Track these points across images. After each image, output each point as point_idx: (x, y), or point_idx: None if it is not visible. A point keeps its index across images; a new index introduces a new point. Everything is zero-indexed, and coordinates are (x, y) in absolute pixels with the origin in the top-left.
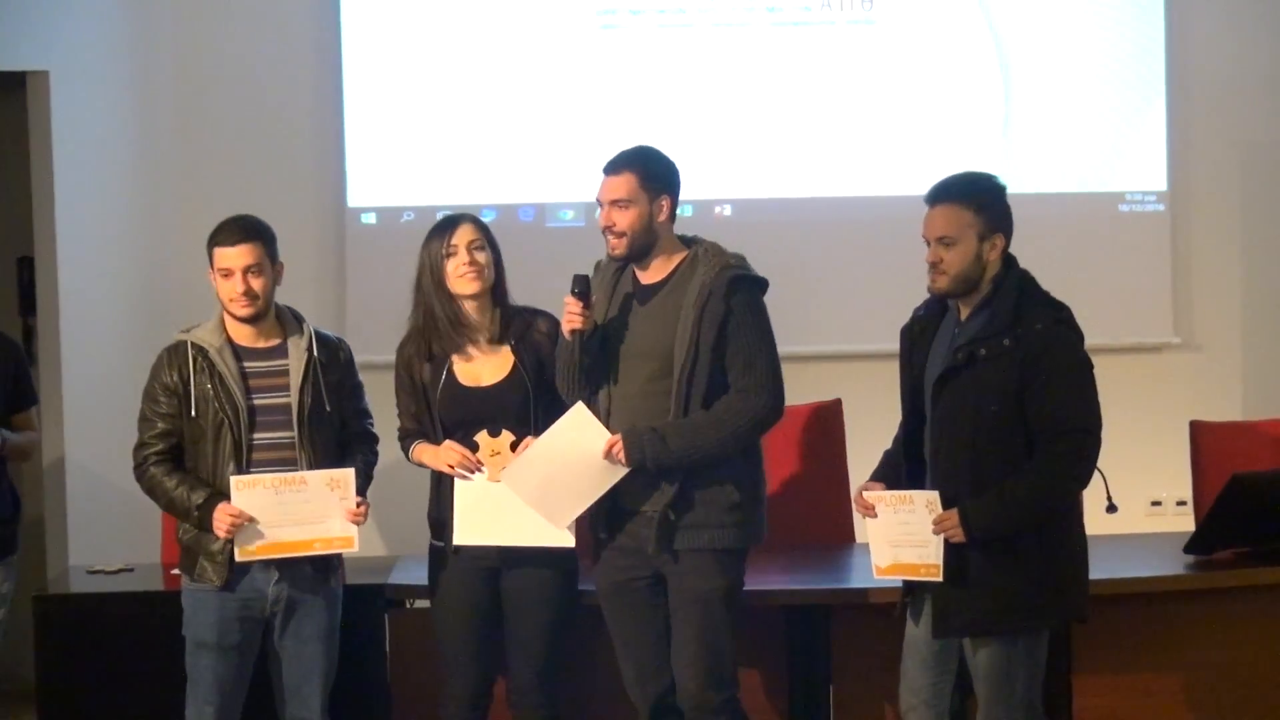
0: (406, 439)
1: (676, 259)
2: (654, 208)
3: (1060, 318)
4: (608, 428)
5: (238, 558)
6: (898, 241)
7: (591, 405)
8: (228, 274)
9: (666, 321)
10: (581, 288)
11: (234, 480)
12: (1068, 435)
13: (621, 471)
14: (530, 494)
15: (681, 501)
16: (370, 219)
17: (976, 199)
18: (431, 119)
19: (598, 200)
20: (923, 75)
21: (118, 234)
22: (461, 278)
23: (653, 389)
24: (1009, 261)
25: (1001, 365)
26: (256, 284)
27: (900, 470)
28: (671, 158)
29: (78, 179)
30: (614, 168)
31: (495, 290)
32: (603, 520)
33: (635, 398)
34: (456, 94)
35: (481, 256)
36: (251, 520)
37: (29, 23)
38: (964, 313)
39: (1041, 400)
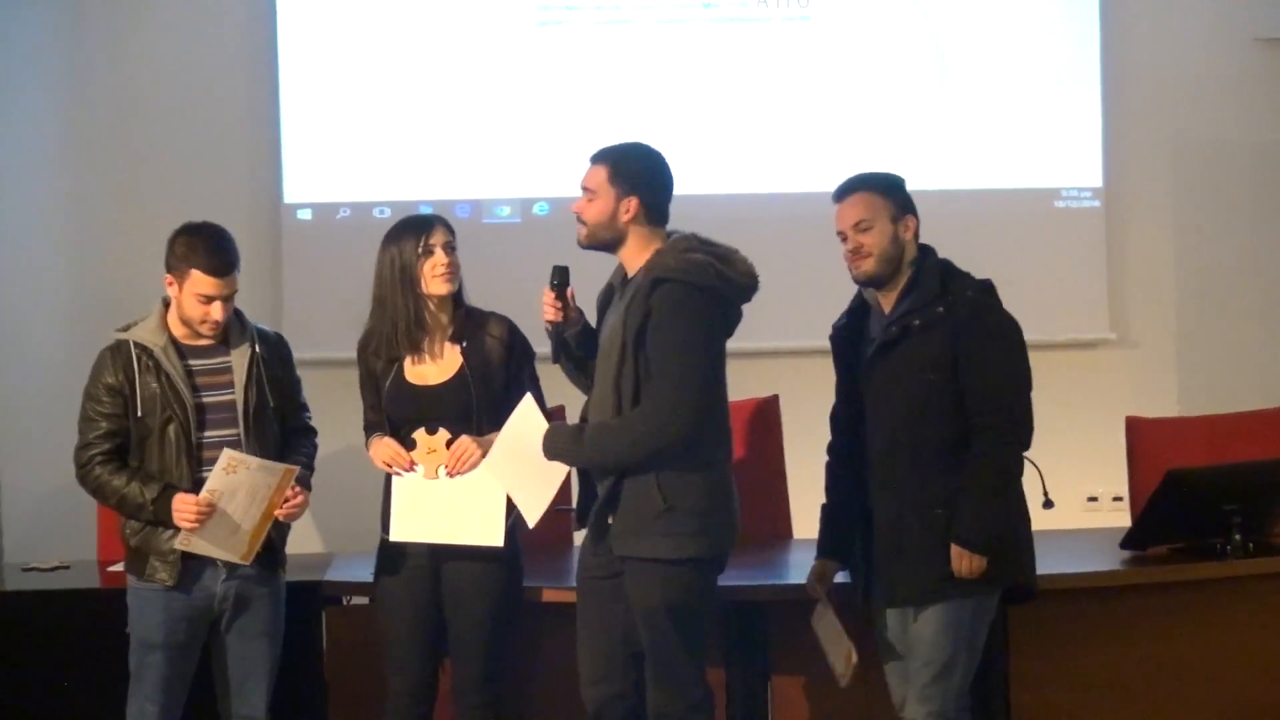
0: (367, 430)
1: (647, 255)
2: (619, 205)
3: (985, 288)
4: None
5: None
6: (832, 238)
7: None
8: (206, 299)
9: (621, 319)
10: (559, 279)
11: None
12: (1002, 398)
13: (563, 469)
14: (510, 483)
15: (610, 504)
16: (306, 215)
17: (881, 185)
18: (368, 115)
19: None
20: (858, 71)
21: (48, 230)
22: (439, 278)
23: (605, 386)
24: (925, 249)
25: (936, 333)
26: (229, 309)
27: (843, 533)
28: (665, 160)
29: (7, 173)
30: (594, 157)
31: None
32: (577, 515)
33: (600, 393)
34: (393, 90)
35: (454, 258)
36: (213, 508)
37: None
38: (887, 304)
39: (975, 365)
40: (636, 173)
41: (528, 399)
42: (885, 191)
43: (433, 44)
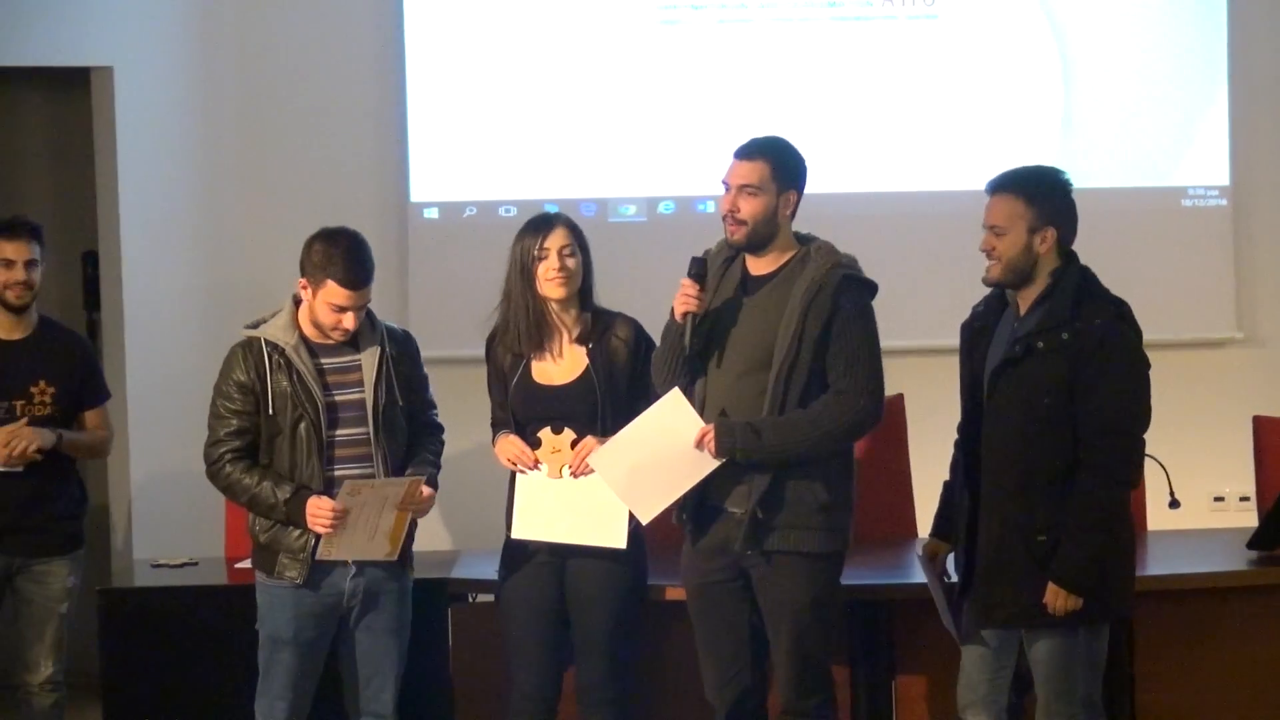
0: (494, 427)
1: (789, 254)
2: (780, 200)
3: (1120, 314)
4: (702, 417)
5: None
6: (959, 236)
7: (688, 394)
8: (339, 309)
9: (771, 315)
10: (698, 269)
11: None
12: (1110, 438)
13: (711, 464)
14: (618, 481)
15: (770, 500)
16: (433, 214)
17: (1029, 191)
18: (494, 114)
19: (724, 183)
20: (984, 69)
21: (181, 229)
22: (550, 282)
23: (748, 382)
24: (1069, 257)
25: (1057, 359)
26: (361, 317)
27: (959, 517)
28: (802, 153)
29: (141, 174)
30: (747, 153)
31: (581, 291)
32: (690, 518)
33: (730, 390)
34: (519, 89)
35: (572, 262)
36: (346, 514)
37: (93, 19)
38: (1022, 307)
39: (1091, 398)
40: (794, 169)
41: (676, 391)
42: (1031, 199)
43: (558, 43)
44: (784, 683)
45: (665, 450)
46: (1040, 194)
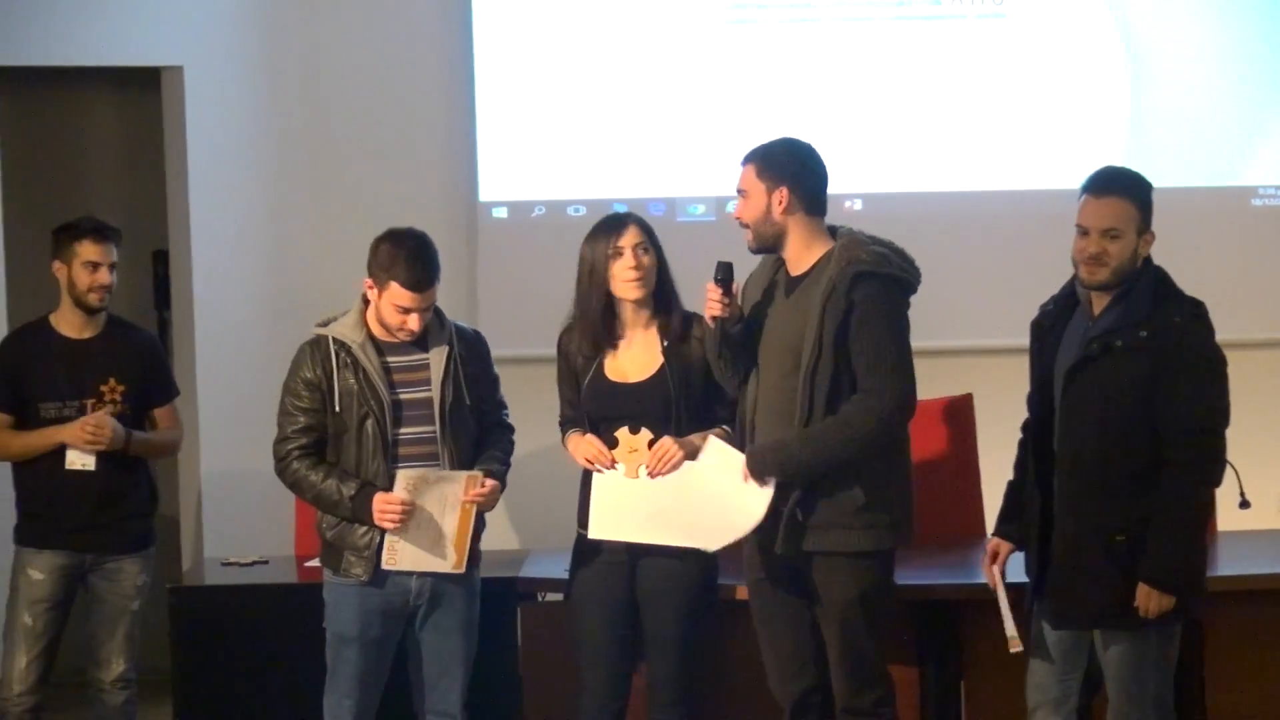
0: (564, 426)
1: (819, 251)
2: (771, 198)
3: (1197, 313)
4: (753, 419)
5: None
6: (1026, 235)
7: (741, 393)
8: (404, 311)
9: (800, 316)
10: (724, 274)
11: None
12: (1195, 436)
13: (766, 492)
14: (704, 538)
15: (808, 501)
16: (501, 213)
17: (1139, 195)
18: (562, 113)
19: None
20: (1052, 68)
21: (250, 227)
22: (627, 282)
23: (789, 384)
24: (1145, 260)
25: (1136, 357)
26: (426, 318)
27: (1028, 518)
28: (816, 149)
29: (211, 173)
30: (742, 160)
31: (657, 290)
32: None
33: (774, 391)
34: (587, 88)
35: (646, 259)
36: (414, 510)
37: (164, 19)
38: (1097, 306)
39: (1173, 396)
40: (782, 164)
41: (712, 439)
42: (1142, 204)
43: (626, 42)
44: (838, 680)
45: (727, 492)
46: (1146, 197)
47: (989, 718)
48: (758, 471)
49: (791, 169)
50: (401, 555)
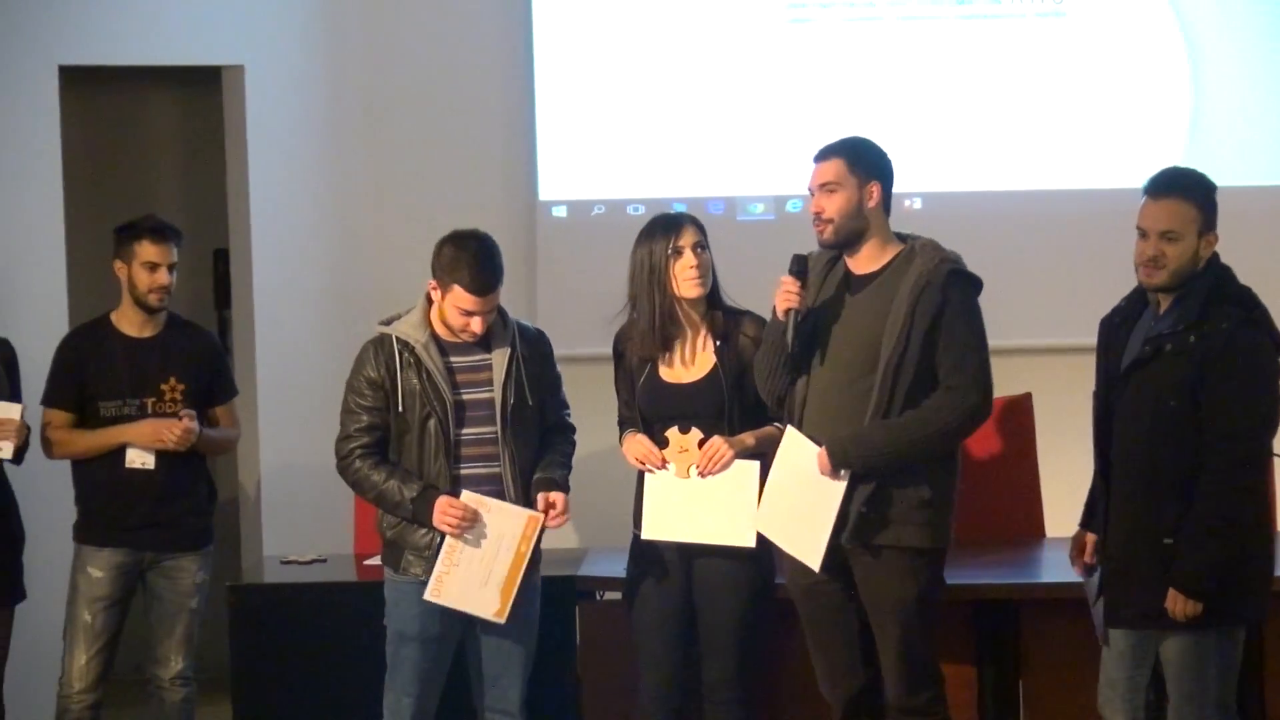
0: (621, 426)
1: (891, 251)
2: (862, 193)
3: (1251, 317)
4: (803, 417)
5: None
6: (1086, 235)
7: (789, 393)
8: (468, 314)
9: (876, 313)
10: (799, 267)
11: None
12: (1229, 442)
13: (840, 485)
14: (782, 538)
15: (877, 497)
16: (561, 212)
17: (1199, 195)
18: (622, 112)
19: (809, 189)
20: (1112, 67)
21: (310, 226)
22: (689, 281)
23: (853, 381)
24: (1209, 260)
25: (1184, 361)
26: (489, 320)
27: (1099, 512)
28: (885, 149)
29: (271, 172)
30: (823, 154)
31: (711, 290)
32: None
33: (833, 389)
34: (647, 87)
35: (706, 258)
36: (476, 515)
37: (225, 18)
38: (1162, 306)
39: (1214, 402)
40: (873, 160)
41: (790, 430)
42: (1202, 205)
43: (686, 41)
44: (892, 680)
45: (802, 486)
46: (1207, 199)
47: (1048, 717)
48: (838, 461)
49: (879, 165)
50: (446, 590)
